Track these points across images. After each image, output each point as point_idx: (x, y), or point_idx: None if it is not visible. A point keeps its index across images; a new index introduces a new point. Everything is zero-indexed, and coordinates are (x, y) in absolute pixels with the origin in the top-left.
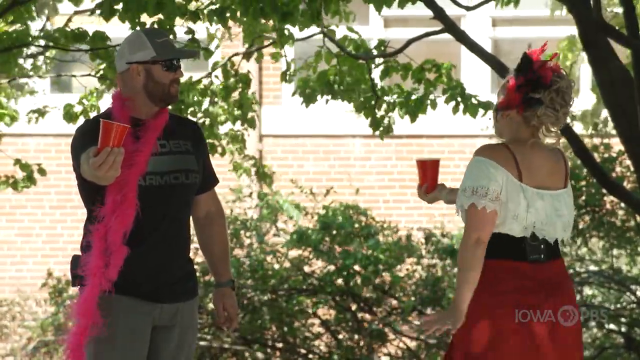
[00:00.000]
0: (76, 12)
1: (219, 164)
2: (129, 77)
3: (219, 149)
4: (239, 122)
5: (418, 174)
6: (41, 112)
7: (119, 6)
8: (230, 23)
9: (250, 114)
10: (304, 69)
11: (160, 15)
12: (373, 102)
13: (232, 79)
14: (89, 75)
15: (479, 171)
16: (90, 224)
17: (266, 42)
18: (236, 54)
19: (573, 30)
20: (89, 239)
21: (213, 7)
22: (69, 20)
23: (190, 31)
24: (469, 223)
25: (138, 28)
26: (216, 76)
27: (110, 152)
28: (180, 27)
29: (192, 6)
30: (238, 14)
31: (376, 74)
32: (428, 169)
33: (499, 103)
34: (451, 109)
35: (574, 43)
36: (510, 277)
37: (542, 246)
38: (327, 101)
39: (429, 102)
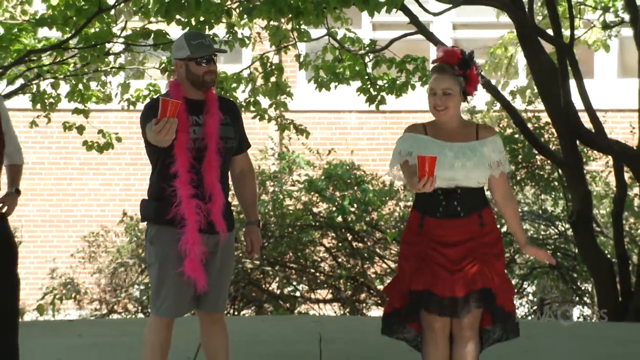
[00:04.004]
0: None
1: (249, 133)
2: (177, 69)
3: (266, 116)
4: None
5: (419, 169)
6: (131, 102)
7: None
8: (259, 28)
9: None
10: (316, 60)
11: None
12: (368, 85)
13: (268, 69)
14: (154, 67)
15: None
16: (166, 178)
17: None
18: (268, 52)
19: (513, 31)
20: (170, 189)
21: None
22: (142, 24)
23: (230, 25)
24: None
25: (187, 29)
26: (255, 68)
27: (167, 121)
28: (222, 24)
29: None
30: (262, 18)
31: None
32: (427, 164)
33: (469, 88)
34: (425, 90)
35: (513, 40)
36: None
37: None
38: (335, 87)
39: (409, 85)
